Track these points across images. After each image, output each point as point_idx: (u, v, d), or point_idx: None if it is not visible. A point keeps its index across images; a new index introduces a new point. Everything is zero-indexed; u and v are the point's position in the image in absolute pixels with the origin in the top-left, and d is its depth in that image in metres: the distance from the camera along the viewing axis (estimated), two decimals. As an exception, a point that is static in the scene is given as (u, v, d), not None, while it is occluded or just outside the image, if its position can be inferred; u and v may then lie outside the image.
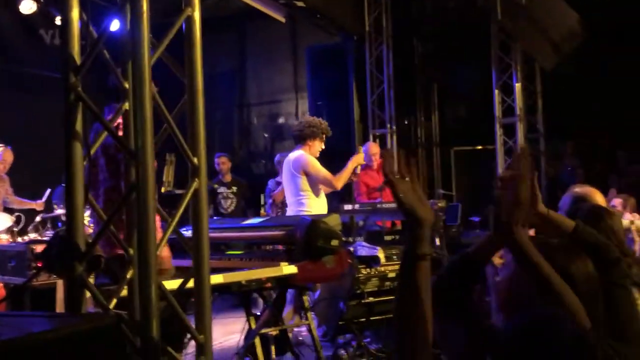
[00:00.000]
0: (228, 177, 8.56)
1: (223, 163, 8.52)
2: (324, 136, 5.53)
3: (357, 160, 5.49)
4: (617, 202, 5.07)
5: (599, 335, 1.73)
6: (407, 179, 1.58)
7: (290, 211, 5.62)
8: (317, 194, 5.48)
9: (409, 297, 1.53)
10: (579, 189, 3.21)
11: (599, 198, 3.10)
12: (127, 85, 2.38)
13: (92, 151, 2.28)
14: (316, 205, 5.44)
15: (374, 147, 7.54)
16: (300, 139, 5.50)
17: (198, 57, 2.34)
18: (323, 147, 5.56)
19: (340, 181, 5.39)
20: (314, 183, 5.44)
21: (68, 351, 1.71)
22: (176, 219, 2.26)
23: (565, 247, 1.78)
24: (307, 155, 5.44)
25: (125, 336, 2.17)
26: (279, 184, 7.53)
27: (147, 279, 2.11)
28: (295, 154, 5.50)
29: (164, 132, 2.38)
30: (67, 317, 2.14)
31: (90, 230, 4.49)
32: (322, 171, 5.39)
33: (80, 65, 2.25)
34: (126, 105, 2.41)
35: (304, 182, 5.40)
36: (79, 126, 2.24)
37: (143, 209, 2.11)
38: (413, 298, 1.52)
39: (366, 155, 7.02)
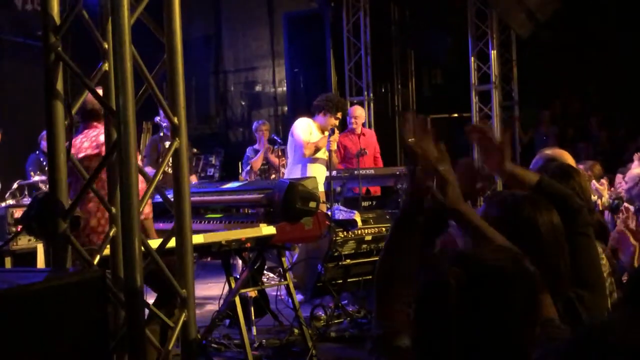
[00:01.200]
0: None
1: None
2: (339, 114, 5.87)
3: (333, 140, 5.73)
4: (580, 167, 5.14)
5: (564, 284, 1.83)
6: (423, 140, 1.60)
7: (287, 169, 6.06)
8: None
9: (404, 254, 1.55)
10: (549, 151, 3.31)
11: (568, 159, 3.19)
12: (106, 46, 2.41)
13: (74, 111, 2.30)
14: (312, 167, 5.79)
15: (357, 110, 7.57)
16: (315, 109, 5.91)
17: (176, 16, 2.36)
18: (336, 123, 5.87)
19: (307, 149, 5.70)
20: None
21: (55, 302, 1.77)
22: (157, 177, 2.31)
23: (530, 198, 1.85)
24: (303, 121, 5.83)
25: (110, 290, 2.23)
26: (256, 151, 7.58)
27: (131, 235, 2.16)
28: (298, 119, 5.94)
29: (144, 92, 2.41)
30: (54, 271, 2.19)
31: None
32: (299, 138, 5.74)
33: (60, 25, 2.27)
34: (105, 66, 2.44)
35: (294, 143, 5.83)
36: (59, 86, 2.26)
37: (125, 167, 2.15)
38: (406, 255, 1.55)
39: (349, 117, 7.14)
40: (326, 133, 5.82)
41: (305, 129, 5.75)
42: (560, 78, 9.64)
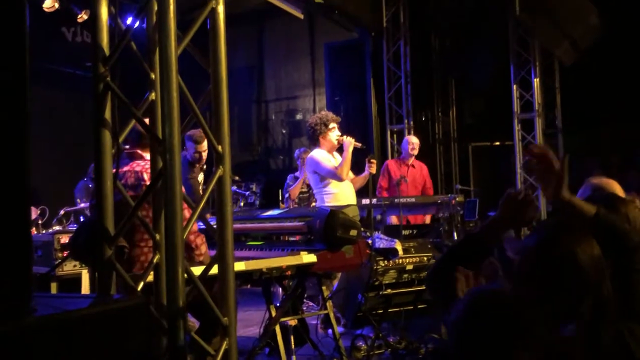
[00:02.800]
0: None
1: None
2: (332, 124, 5.69)
3: (350, 143, 5.58)
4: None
5: (612, 314, 1.77)
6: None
7: (317, 202, 5.87)
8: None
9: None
10: (596, 180, 3.23)
11: (616, 188, 3.12)
12: (153, 76, 2.46)
13: (121, 139, 2.35)
14: (340, 191, 5.62)
15: (413, 138, 7.95)
16: (312, 140, 5.80)
17: (222, 48, 2.41)
18: (338, 133, 5.71)
19: (343, 171, 5.53)
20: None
21: (100, 329, 1.79)
22: (201, 205, 2.33)
23: (571, 227, 1.81)
24: (317, 153, 5.67)
25: (153, 317, 2.25)
26: (296, 179, 7.62)
27: (174, 263, 2.18)
28: (310, 154, 5.80)
29: (190, 121, 2.45)
30: (99, 297, 2.22)
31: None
32: (325, 167, 5.58)
33: (109, 56, 2.33)
34: (152, 96, 2.49)
35: (319, 177, 5.67)
36: (107, 115, 2.32)
37: (170, 195, 2.18)
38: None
39: (407, 144, 7.61)
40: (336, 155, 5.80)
41: (325, 158, 5.61)
42: (605, 105, 9.46)
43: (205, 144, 5.58)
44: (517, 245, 1.76)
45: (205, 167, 6.07)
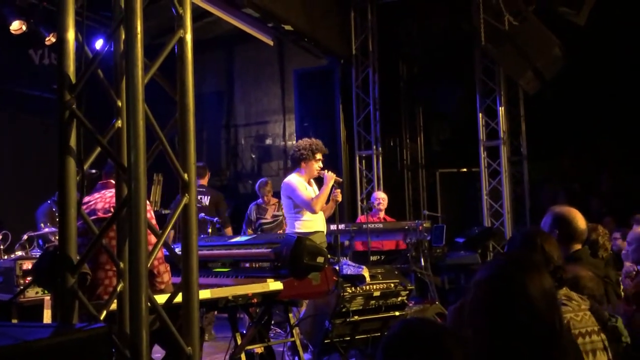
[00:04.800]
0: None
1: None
2: (318, 155, 5.70)
3: (330, 178, 5.60)
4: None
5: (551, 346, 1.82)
6: None
7: (287, 227, 5.88)
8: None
9: None
10: (558, 209, 3.30)
11: (577, 216, 3.19)
12: (120, 104, 2.46)
13: (86, 167, 2.34)
14: (312, 219, 5.64)
15: (381, 194, 8.22)
16: (294, 162, 5.78)
17: (189, 77, 2.42)
18: (320, 165, 5.74)
19: (317, 204, 5.57)
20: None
21: (62, 359, 1.76)
22: (166, 233, 2.33)
23: (521, 261, 1.86)
24: (294, 179, 5.68)
25: (115, 347, 2.22)
26: (258, 207, 7.65)
27: (138, 292, 2.17)
28: (287, 178, 5.79)
29: (155, 148, 2.45)
30: (60, 326, 2.18)
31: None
32: (301, 196, 5.60)
33: (75, 83, 2.33)
34: (119, 123, 2.49)
35: (292, 203, 5.67)
36: (72, 142, 2.31)
37: (135, 223, 2.17)
38: None
39: (375, 199, 7.72)
40: (313, 186, 5.84)
41: (301, 186, 5.62)
42: (568, 134, 9.69)
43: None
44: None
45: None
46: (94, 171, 3.65)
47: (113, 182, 3.48)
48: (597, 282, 3.03)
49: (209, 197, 7.45)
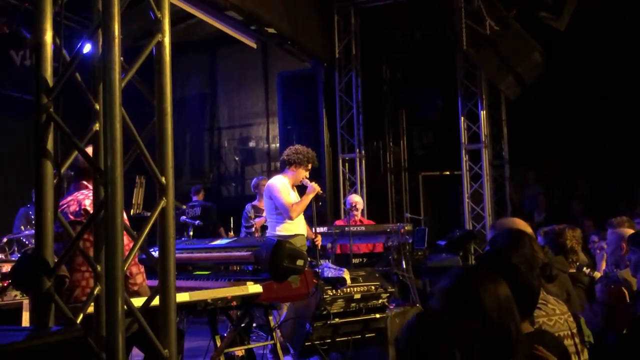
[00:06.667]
0: None
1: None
2: (309, 165, 5.80)
3: (314, 189, 5.66)
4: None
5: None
6: None
7: (268, 229, 5.90)
8: None
9: None
10: (503, 220, 3.37)
11: (520, 225, 3.22)
12: (97, 107, 2.46)
13: (63, 170, 2.34)
14: (291, 224, 5.65)
15: (355, 197, 8.07)
16: (285, 164, 5.83)
17: (167, 81, 2.43)
18: (307, 175, 5.81)
19: (294, 211, 5.61)
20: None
21: (36, 362, 1.77)
22: (143, 236, 2.33)
23: (478, 270, 1.91)
24: (278, 182, 5.71)
25: (91, 350, 2.22)
26: (255, 207, 7.64)
27: (114, 295, 2.17)
28: (272, 179, 5.83)
29: (133, 152, 2.46)
30: (36, 330, 2.18)
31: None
32: (282, 199, 5.63)
33: (53, 87, 2.33)
34: (96, 126, 2.49)
35: (274, 205, 5.72)
36: (50, 145, 2.30)
37: (111, 227, 2.17)
38: None
39: (349, 204, 7.60)
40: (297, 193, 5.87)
41: (284, 190, 5.66)
42: (549, 138, 9.80)
43: None
44: None
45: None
46: (72, 173, 3.63)
47: (85, 182, 3.47)
48: (560, 287, 3.09)
49: (200, 208, 7.64)
